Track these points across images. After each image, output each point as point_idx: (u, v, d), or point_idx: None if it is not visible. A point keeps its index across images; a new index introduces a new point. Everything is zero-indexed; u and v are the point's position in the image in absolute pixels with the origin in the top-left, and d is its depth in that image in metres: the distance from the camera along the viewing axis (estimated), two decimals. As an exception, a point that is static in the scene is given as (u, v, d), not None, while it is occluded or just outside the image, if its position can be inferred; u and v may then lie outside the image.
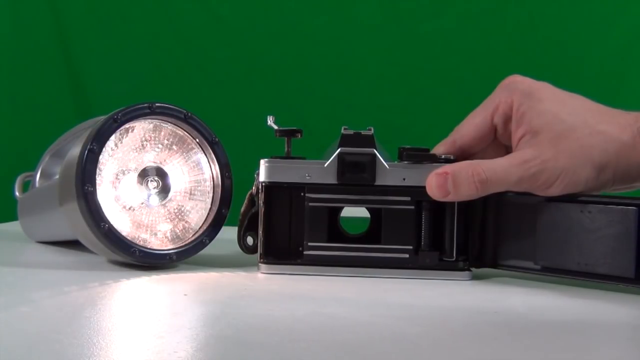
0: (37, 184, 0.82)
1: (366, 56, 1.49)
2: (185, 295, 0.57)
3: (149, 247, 0.64)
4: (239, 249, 0.67)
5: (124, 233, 0.63)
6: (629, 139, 0.59)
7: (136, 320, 0.50)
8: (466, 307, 0.55)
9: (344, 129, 0.64)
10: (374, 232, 0.64)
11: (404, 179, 0.63)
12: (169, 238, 0.66)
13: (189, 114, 0.65)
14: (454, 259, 0.63)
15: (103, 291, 0.57)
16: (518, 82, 0.63)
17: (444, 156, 0.63)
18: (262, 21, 1.50)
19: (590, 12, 1.46)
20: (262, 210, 0.64)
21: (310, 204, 0.64)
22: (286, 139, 0.66)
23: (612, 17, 1.46)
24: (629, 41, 1.45)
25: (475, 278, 0.64)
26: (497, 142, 0.65)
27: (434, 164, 0.62)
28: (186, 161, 0.67)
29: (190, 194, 0.67)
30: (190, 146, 0.67)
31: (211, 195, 0.67)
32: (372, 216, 0.65)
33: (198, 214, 0.67)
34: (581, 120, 0.59)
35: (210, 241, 0.66)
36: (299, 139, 0.66)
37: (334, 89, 1.48)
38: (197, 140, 0.67)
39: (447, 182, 0.61)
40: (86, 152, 0.62)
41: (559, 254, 0.60)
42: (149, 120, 0.65)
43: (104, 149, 0.63)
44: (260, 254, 0.65)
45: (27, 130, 1.50)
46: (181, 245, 0.65)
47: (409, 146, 0.64)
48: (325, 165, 0.64)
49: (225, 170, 0.66)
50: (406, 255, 0.63)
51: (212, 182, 0.67)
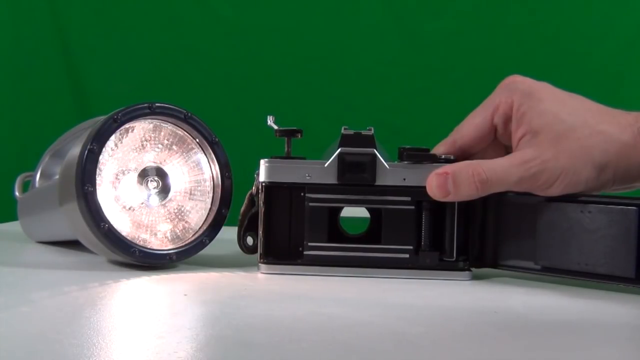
0: (37, 184, 0.82)
1: (366, 56, 1.49)
2: (185, 295, 0.57)
3: (149, 247, 0.64)
4: (239, 249, 0.67)
5: (124, 233, 0.63)
6: (630, 139, 0.59)
7: (136, 320, 0.50)
8: (466, 307, 0.55)
9: (344, 129, 0.64)
10: (374, 232, 0.64)
11: (404, 179, 0.63)
12: (169, 238, 0.66)
13: (189, 114, 0.65)
14: (454, 259, 0.63)
15: (103, 291, 0.57)
16: (518, 82, 0.63)
17: (444, 156, 0.63)
18: (262, 21, 1.50)
19: (590, 12, 1.46)
20: (262, 210, 0.64)
21: (310, 204, 0.63)
22: (286, 139, 0.66)
23: (612, 17, 1.46)
24: (629, 41, 1.45)
25: (475, 278, 0.64)
26: (497, 142, 0.65)
27: (434, 164, 0.62)
28: (186, 161, 0.67)
29: (190, 194, 0.67)
30: (190, 146, 0.67)
31: (211, 195, 0.67)
32: (372, 216, 0.65)
33: (198, 214, 0.67)
34: (581, 120, 0.59)
35: (210, 241, 0.66)
36: (299, 139, 0.66)
37: (334, 89, 1.48)
38: (197, 140, 0.67)
39: (448, 182, 0.61)
40: (86, 152, 0.62)
41: (559, 254, 0.60)
42: (149, 120, 0.65)
43: (104, 149, 0.63)
44: (260, 254, 0.65)
45: (27, 130, 1.50)
46: (181, 245, 0.65)
47: (409, 146, 0.64)
48: (326, 165, 0.63)
49: (225, 170, 0.66)
50: (406, 255, 0.63)
51: (212, 182, 0.67)
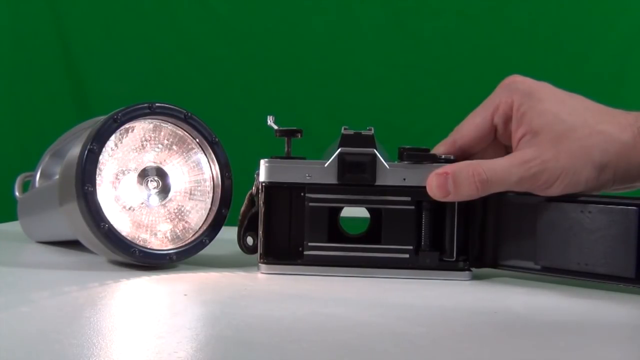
0: (37, 184, 0.82)
1: (366, 56, 1.49)
2: (185, 295, 0.57)
3: (149, 247, 0.64)
4: (239, 249, 0.67)
5: (124, 233, 0.63)
6: (630, 139, 0.59)
7: (136, 320, 0.50)
8: (466, 307, 0.55)
9: (344, 129, 0.64)
10: (374, 232, 0.64)
11: (404, 179, 0.63)
12: (169, 238, 0.66)
13: (189, 114, 0.65)
14: (454, 259, 0.63)
15: (103, 291, 0.57)
16: (518, 82, 0.63)
17: (444, 156, 0.63)
18: (262, 21, 1.50)
19: (590, 12, 1.46)
20: (262, 210, 0.64)
21: (311, 204, 0.63)
22: (286, 139, 0.66)
23: (612, 17, 1.46)
24: (629, 41, 1.45)
25: (475, 278, 0.64)
26: (497, 142, 0.65)
27: (434, 164, 0.62)
28: (186, 161, 0.67)
29: (190, 194, 0.67)
30: (190, 146, 0.67)
31: (211, 195, 0.67)
32: (372, 216, 0.65)
33: (198, 214, 0.67)
34: (581, 120, 0.59)
35: (210, 241, 0.65)
36: (299, 139, 0.66)
37: (334, 89, 1.48)
38: (197, 140, 0.66)
39: (448, 182, 0.61)
40: (86, 152, 0.61)
41: (559, 254, 0.60)
42: (149, 120, 0.65)
43: (104, 149, 0.63)
44: (260, 254, 0.65)
45: (27, 130, 1.50)
46: (181, 245, 0.65)
47: (409, 146, 0.64)
48: (326, 165, 0.63)
49: (225, 170, 0.66)
50: (406, 256, 0.63)
51: (212, 182, 0.67)
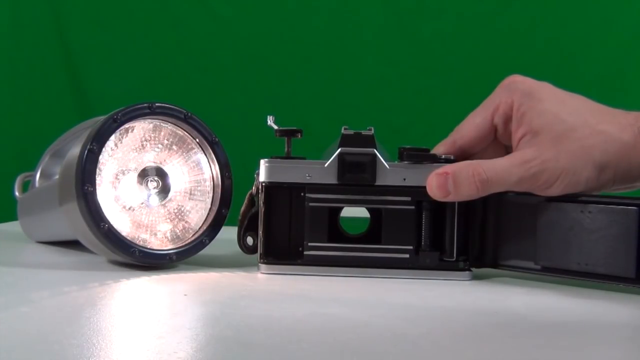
0: (37, 184, 0.82)
1: (366, 56, 1.50)
2: (185, 295, 0.57)
3: (148, 247, 0.64)
4: (239, 249, 0.66)
5: (123, 233, 0.63)
6: (630, 139, 0.59)
7: (136, 320, 0.50)
8: (466, 307, 0.55)
9: (344, 129, 0.64)
10: (374, 232, 0.64)
11: (404, 179, 0.63)
12: (169, 238, 0.66)
13: (189, 114, 0.65)
14: (454, 259, 0.63)
15: (103, 291, 0.57)
16: (518, 82, 0.63)
17: (444, 156, 0.63)
18: (262, 21, 1.51)
19: (590, 12, 1.46)
20: (262, 210, 0.64)
21: (311, 204, 0.63)
22: (286, 139, 0.66)
23: (612, 17, 1.46)
24: (629, 41, 1.45)
25: (475, 278, 0.64)
26: (497, 142, 0.65)
27: (434, 164, 0.62)
28: (186, 161, 0.67)
29: (190, 194, 0.67)
30: (190, 146, 0.67)
31: (211, 195, 0.67)
32: (372, 216, 0.65)
33: (198, 214, 0.67)
34: (582, 120, 0.59)
35: (210, 241, 0.65)
36: (299, 139, 0.66)
37: (334, 89, 1.48)
38: (197, 140, 0.66)
39: (448, 182, 0.61)
40: (86, 152, 0.61)
41: (560, 254, 0.60)
42: (149, 120, 0.65)
43: (103, 149, 0.63)
44: (260, 254, 0.65)
45: (27, 130, 1.50)
46: (181, 245, 0.65)
47: (409, 146, 0.64)
48: (326, 165, 0.63)
49: (225, 170, 0.66)
50: (406, 256, 0.63)
51: (212, 182, 0.67)
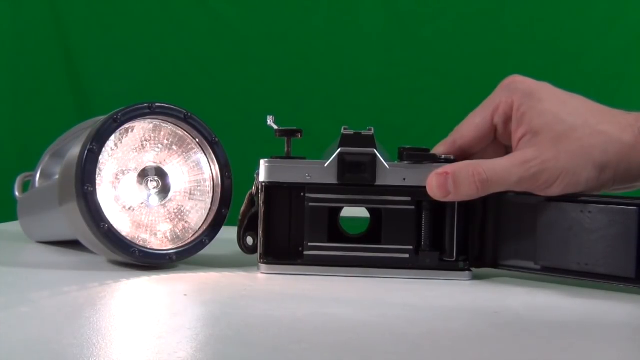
0: (37, 184, 0.82)
1: (366, 56, 1.50)
2: (185, 295, 0.57)
3: (148, 247, 0.64)
4: (239, 249, 0.66)
5: (123, 233, 0.63)
6: (631, 140, 0.59)
7: (136, 320, 0.50)
8: (466, 307, 0.55)
9: (344, 129, 0.64)
10: (374, 232, 0.64)
11: (404, 179, 0.63)
12: (169, 238, 0.66)
13: (189, 114, 0.65)
14: (454, 259, 0.63)
15: (103, 291, 0.57)
16: (518, 82, 0.63)
17: (444, 156, 0.63)
18: (262, 21, 1.51)
19: (590, 12, 1.46)
20: (262, 210, 0.64)
21: (310, 204, 0.63)
22: (286, 139, 0.66)
23: (612, 17, 1.46)
24: (629, 41, 1.45)
25: (475, 278, 0.64)
26: (497, 142, 0.65)
27: (434, 164, 0.62)
28: (186, 161, 0.67)
29: (190, 194, 0.67)
30: (190, 146, 0.67)
31: (211, 195, 0.67)
32: (372, 216, 0.65)
33: (198, 214, 0.67)
34: (582, 121, 0.59)
35: (210, 241, 0.65)
36: (299, 139, 0.66)
37: (334, 89, 1.48)
38: (197, 140, 0.66)
39: (448, 182, 0.61)
40: (86, 152, 0.61)
41: (559, 254, 0.60)
42: (149, 120, 0.65)
43: (103, 149, 0.63)
44: (260, 254, 0.65)
45: (27, 130, 1.50)
46: (181, 245, 0.65)
47: (409, 146, 0.64)
48: (326, 165, 0.63)
49: (225, 170, 0.66)
50: (406, 256, 0.63)
51: (212, 182, 0.67)
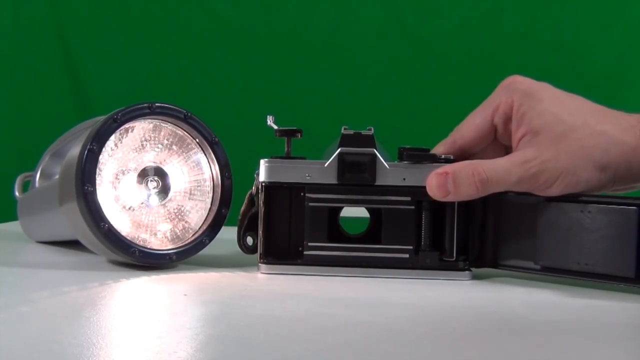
0: (37, 184, 0.82)
1: (366, 56, 1.49)
2: (185, 295, 0.57)
3: (148, 247, 0.64)
4: (239, 249, 0.66)
5: (123, 233, 0.63)
6: (632, 141, 0.59)
7: (136, 320, 0.50)
8: (466, 307, 0.55)
9: (344, 129, 0.64)
10: (374, 232, 0.64)
11: (404, 179, 0.63)
12: (169, 238, 0.66)
13: (189, 114, 0.65)
14: (454, 259, 0.63)
15: (103, 291, 0.57)
16: (518, 83, 0.63)
17: (444, 156, 0.63)
18: (262, 21, 1.50)
19: (590, 13, 1.46)
20: (262, 210, 0.64)
21: (310, 204, 0.63)
22: (286, 139, 0.66)
23: (611, 17, 1.46)
24: (629, 41, 1.45)
25: (475, 278, 0.64)
26: (497, 142, 0.65)
27: (434, 164, 0.62)
28: (186, 161, 0.67)
29: (190, 194, 0.67)
30: (190, 146, 0.67)
31: (211, 195, 0.67)
32: (372, 216, 0.65)
33: (198, 214, 0.67)
34: (581, 121, 0.59)
35: (210, 241, 0.65)
36: (299, 139, 0.66)
37: (334, 89, 1.48)
38: (197, 140, 0.66)
39: (448, 182, 0.61)
40: (86, 152, 0.62)
41: (559, 254, 0.60)
42: (149, 120, 0.65)
43: (103, 149, 0.63)
44: (260, 254, 0.65)
45: (27, 130, 1.50)
46: (181, 245, 0.65)
47: (409, 146, 0.64)
48: (326, 165, 0.63)
49: (225, 170, 0.66)
50: (406, 255, 0.63)
51: (212, 182, 0.67)
